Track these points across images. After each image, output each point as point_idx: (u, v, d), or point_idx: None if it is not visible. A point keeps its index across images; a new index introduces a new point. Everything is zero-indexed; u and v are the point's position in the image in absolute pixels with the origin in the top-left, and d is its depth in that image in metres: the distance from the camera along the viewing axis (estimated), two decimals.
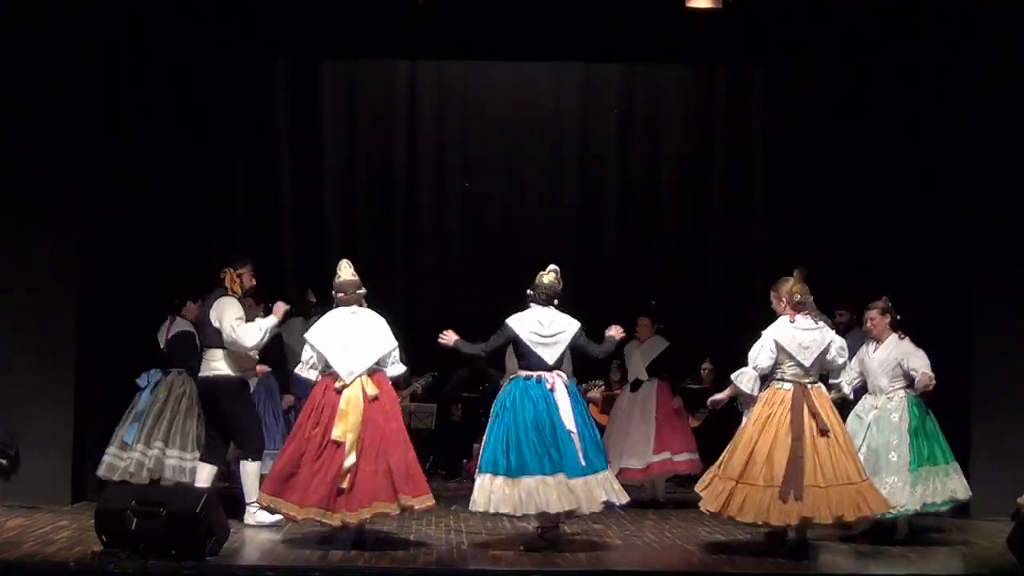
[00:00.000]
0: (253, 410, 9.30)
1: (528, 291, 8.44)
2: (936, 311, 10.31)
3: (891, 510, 8.46)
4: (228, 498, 9.11)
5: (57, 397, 9.73)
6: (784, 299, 8.36)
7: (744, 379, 8.34)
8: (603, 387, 12.12)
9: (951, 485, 8.80)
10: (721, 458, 8.34)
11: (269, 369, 9.76)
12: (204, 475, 8.96)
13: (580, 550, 8.37)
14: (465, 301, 12.86)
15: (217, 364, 8.90)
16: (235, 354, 8.90)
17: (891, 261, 10.71)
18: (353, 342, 8.22)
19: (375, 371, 8.22)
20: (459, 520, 9.27)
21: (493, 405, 8.39)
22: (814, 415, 8.11)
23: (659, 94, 13.09)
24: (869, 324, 9.04)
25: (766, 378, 8.32)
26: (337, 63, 12.68)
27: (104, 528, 7.55)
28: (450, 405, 12.36)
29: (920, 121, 10.52)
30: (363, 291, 8.39)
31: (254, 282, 9.15)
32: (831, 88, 11.23)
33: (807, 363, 8.23)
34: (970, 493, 8.94)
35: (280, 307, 9.08)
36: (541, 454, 8.09)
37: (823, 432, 8.07)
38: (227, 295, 8.97)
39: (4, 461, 9.67)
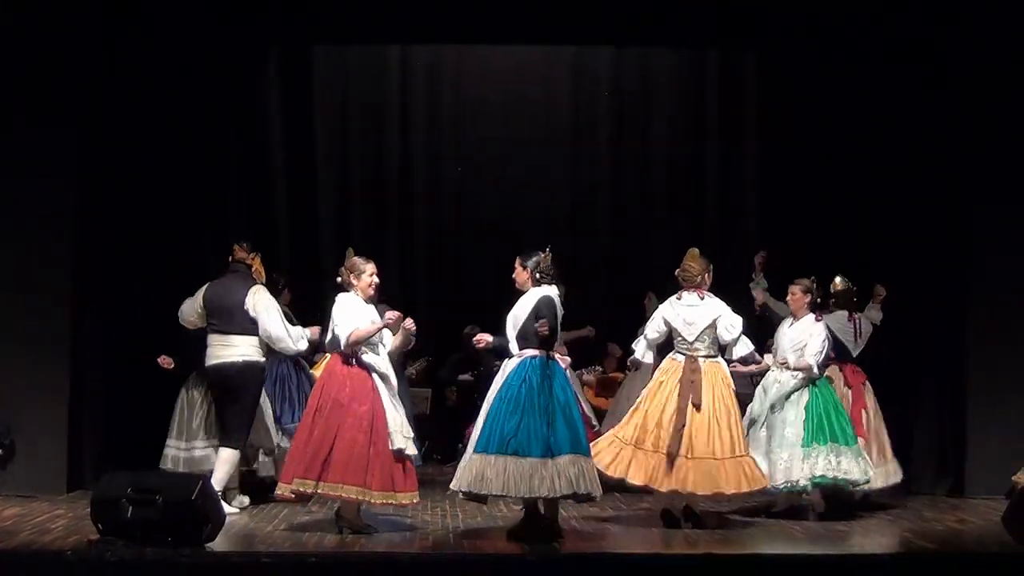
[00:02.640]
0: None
1: (538, 274, 8.35)
2: (931, 292, 10.34)
3: (778, 485, 8.80)
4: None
5: (52, 387, 9.74)
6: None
7: (638, 348, 8.94)
8: (599, 370, 12.14)
9: (844, 465, 8.87)
10: (621, 423, 8.72)
11: None
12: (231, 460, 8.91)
13: (577, 533, 8.38)
14: (459, 286, 12.87)
15: (249, 350, 8.87)
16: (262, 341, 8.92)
17: (885, 246, 10.73)
18: None
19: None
20: (455, 505, 9.27)
21: (503, 383, 8.22)
22: (695, 389, 8.44)
23: (651, 77, 13.06)
24: (789, 299, 9.26)
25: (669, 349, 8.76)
26: (328, 50, 12.66)
27: (100, 516, 7.55)
28: (445, 389, 12.39)
29: (918, 111, 10.50)
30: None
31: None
32: (825, 72, 11.20)
33: (690, 338, 8.57)
34: (868, 477, 8.99)
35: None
36: (540, 436, 7.99)
37: (696, 406, 8.42)
38: (262, 285, 9.02)
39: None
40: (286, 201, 12.61)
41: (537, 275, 8.26)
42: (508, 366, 8.17)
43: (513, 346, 8.21)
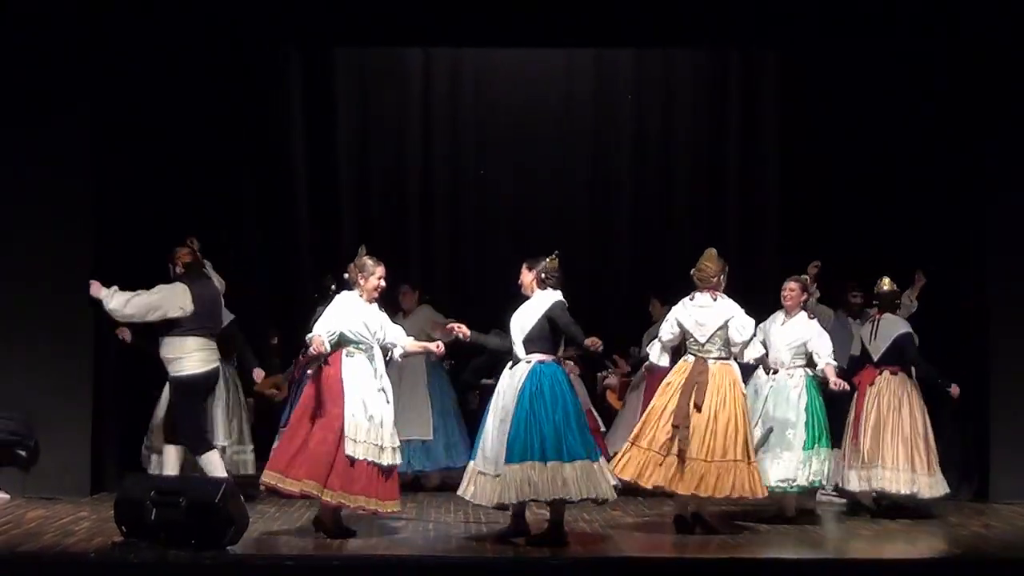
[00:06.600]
0: None
1: (544, 276, 8.37)
2: (954, 296, 10.29)
3: (777, 488, 8.77)
4: None
5: (75, 389, 9.79)
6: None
7: (652, 351, 8.86)
8: (624, 373, 12.08)
9: (827, 468, 8.98)
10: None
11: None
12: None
13: (597, 536, 8.37)
14: (481, 289, 12.84)
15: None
16: None
17: (908, 246, 10.68)
18: None
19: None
20: (477, 509, 9.25)
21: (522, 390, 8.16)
22: (698, 390, 8.32)
23: (673, 79, 13.02)
24: (786, 294, 9.16)
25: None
26: (350, 52, 12.67)
27: (123, 519, 7.58)
28: (468, 393, 12.34)
29: (941, 111, 10.45)
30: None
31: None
32: (847, 72, 11.16)
33: (702, 339, 8.48)
34: (821, 478, 9.00)
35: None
36: (564, 441, 8.03)
37: (697, 407, 8.30)
38: None
39: (23, 453, 9.71)
40: (307, 203, 12.62)
41: (543, 276, 8.30)
42: (519, 371, 8.17)
43: (520, 350, 8.22)
